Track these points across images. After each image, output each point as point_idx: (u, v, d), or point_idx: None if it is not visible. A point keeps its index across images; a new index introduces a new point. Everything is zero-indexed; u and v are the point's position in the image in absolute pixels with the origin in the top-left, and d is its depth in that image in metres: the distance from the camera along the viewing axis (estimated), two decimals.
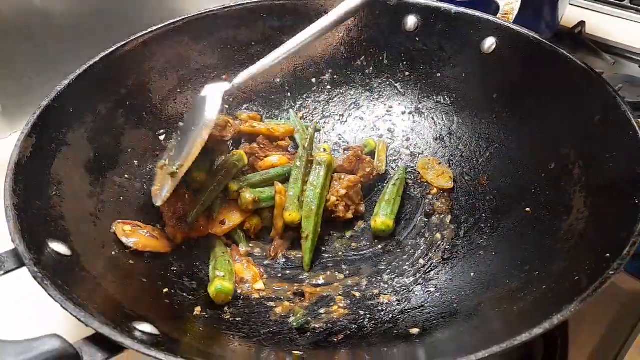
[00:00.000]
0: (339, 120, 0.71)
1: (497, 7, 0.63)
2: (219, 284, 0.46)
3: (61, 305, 0.32)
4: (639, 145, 0.42)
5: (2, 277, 0.36)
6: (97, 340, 0.31)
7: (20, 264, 0.36)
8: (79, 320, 0.31)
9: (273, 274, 0.52)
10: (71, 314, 0.32)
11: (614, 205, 0.41)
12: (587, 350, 0.50)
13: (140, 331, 0.34)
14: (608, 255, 0.35)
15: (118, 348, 0.31)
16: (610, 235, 0.38)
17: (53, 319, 0.38)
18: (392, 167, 0.66)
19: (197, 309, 0.44)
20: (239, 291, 0.49)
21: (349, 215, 0.57)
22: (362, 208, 0.59)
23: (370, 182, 0.62)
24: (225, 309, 0.46)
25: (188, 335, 0.40)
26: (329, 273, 0.53)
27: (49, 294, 0.33)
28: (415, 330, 0.41)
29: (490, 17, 0.61)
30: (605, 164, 0.46)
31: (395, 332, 0.42)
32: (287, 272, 0.53)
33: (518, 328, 0.32)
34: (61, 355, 0.28)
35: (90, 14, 0.75)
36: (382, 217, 0.56)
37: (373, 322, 0.45)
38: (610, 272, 0.33)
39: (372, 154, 0.66)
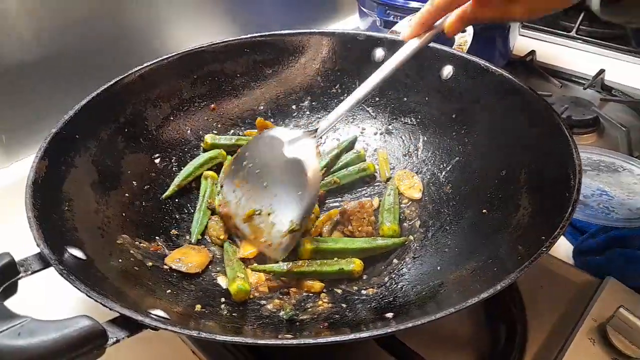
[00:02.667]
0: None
1: (453, 40, 0.72)
2: (240, 284, 0.53)
3: (86, 294, 0.37)
4: (569, 151, 0.50)
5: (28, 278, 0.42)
6: (118, 322, 0.36)
7: (45, 265, 0.41)
8: (103, 305, 0.37)
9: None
10: (96, 300, 0.37)
11: (551, 200, 0.49)
12: (543, 335, 0.56)
13: (155, 315, 0.39)
14: (544, 237, 0.42)
15: (137, 327, 0.36)
16: (548, 224, 0.45)
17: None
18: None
19: (198, 306, 0.50)
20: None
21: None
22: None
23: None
24: (222, 306, 0.52)
25: (192, 321, 0.45)
26: None
27: (74, 286, 0.38)
28: (389, 314, 0.47)
29: (447, 49, 0.70)
30: (545, 168, 0.54)
31: (372, 317, 0.49)
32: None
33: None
34: (91, 331, 0.34)
35: (91, 51, 0.81)
36: (388, 224, 0.62)
37: (353, 312, 0.51)
38: (543, 249, 0.40)
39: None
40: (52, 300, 0.54)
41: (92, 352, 0.34)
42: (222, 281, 0.56)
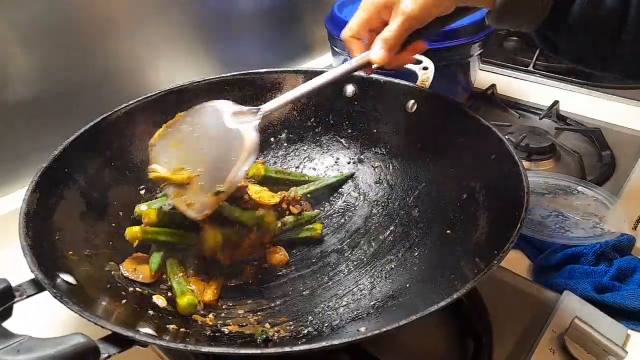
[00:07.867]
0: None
1: (416, 76, 0.78)
2: (190, 298, 0.56)
3: (80, 314, 0.40)
4: (519, 175, 0.56)
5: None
6: (110, 339, 0.39)
7: (39, 289, 0.44)
8: (96, 323, 0.40)
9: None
10: (89, 319, 0.40)
11: (504, 219, 0.54)
12: (508, 348, 0.59)
13: (144, 332, 0.42)
14: (496, 252, 0.47)
15: (128, 343, 0.39)
16: (501, 240, 0.50)
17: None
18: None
19: (182, 329, 0.53)
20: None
21: None
22: None
23: None
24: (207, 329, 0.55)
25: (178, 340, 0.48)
26: None
27: (68, 307, 0.41)
28: (362, 329, 0.51)
29: (411, 84, 0.76)
30: (499, 190, 0.59)
31: (346, 331, 0.53)
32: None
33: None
34: (85, 347, 0.36)
35: (77, 92, 0.85)
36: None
37: (329, 327, 0.55)
38: (494, 262, 0.45)
39: None
40: (47, 321, 0.56)
41: None
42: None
